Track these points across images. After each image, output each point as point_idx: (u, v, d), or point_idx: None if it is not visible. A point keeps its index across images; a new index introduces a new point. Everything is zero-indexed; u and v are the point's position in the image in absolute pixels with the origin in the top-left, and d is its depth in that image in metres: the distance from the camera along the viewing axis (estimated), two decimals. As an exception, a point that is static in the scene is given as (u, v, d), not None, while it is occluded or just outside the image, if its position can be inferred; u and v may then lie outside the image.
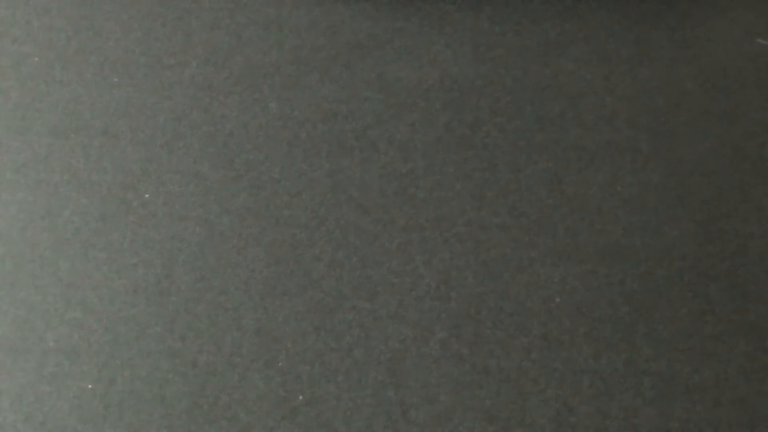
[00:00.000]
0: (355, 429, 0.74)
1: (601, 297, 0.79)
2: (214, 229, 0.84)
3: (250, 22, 0.97)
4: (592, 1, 0.97)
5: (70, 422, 0.75)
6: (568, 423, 0.74)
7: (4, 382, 0.77)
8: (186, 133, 0.90)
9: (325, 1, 0.98)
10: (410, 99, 0.91)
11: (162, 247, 0.83)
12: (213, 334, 0.79)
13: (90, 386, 0.77)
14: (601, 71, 0.92)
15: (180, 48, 0.95)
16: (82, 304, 0.80)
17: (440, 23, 0.96)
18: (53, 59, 0.95)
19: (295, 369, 0.77)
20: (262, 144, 0.89)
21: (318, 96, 0.91)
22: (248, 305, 0.80)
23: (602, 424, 0.74)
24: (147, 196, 0.86)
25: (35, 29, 0.98)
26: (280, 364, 0.77)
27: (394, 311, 0.79)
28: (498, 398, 0.75)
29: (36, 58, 0.95)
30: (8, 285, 0.81)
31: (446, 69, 0.93)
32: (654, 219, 0.83)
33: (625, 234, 0.82)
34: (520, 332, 0.78)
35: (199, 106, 0.91)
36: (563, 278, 0.80)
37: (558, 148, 0.87)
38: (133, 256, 0.83)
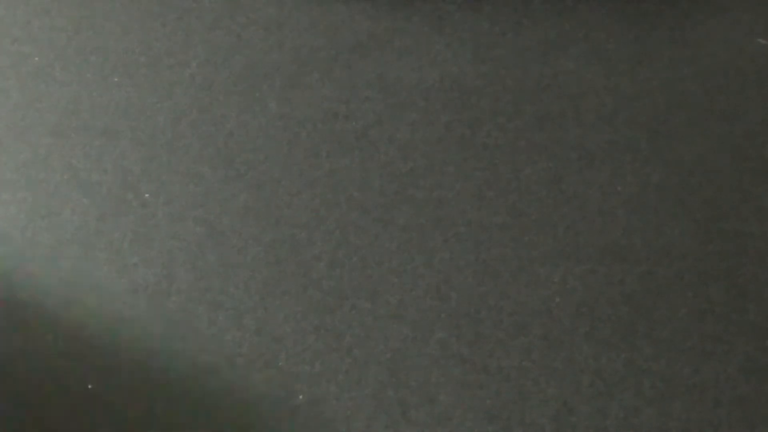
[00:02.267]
0: (355, 429, 0.74)
1: (601, 297, 0.79)
2: (214, 229, 0.84)
3: (250, 22, 0.97)
4: (592, 1, 0.97)
5: (70, 422, 0.75)
6: (568, 423, 0.74)
7: (4, 382, 0.77)
8: (186, 133, 0.90)
9: (325, 1, 0.98)
10: (410, 99, 0.91)
11: (162, 247, 0.83)
12: (213, 334, 0.79)
13: (90, 386, 0.77)
14: (601, 71, 0.92)
15: (180, 48, 0.95)
16: (82, 304, 0.80)
17: (440, 23, 0.96)
18: (53, 59, 0.95)
19: (295, 369, 0.77)
20: (262, 144, 0.89)
21: (318, 96, 0.91)
22: (248, 305, 0.80)
23: (602, 424, 0.74)
24: (147, 196, 0.86)
25: (35, 29, 0.98)
26: (280, 364, 0.77)
27: (394, 311, 0.79)
28: (498, 398, 0.75)
29: (36, 58, 0.95)
30: (8, 285, 0.81)
31: (446, 69, 0.93)
32: (654, 219, 0.83)
33: (625, 234, 0.82)
34: (520, 332, 0.78)
35: (199, 106, 0.91)
36: (563, 278, 0.80)
37: (558, 148, 0.87)
38: (133, 256, 0.83)
